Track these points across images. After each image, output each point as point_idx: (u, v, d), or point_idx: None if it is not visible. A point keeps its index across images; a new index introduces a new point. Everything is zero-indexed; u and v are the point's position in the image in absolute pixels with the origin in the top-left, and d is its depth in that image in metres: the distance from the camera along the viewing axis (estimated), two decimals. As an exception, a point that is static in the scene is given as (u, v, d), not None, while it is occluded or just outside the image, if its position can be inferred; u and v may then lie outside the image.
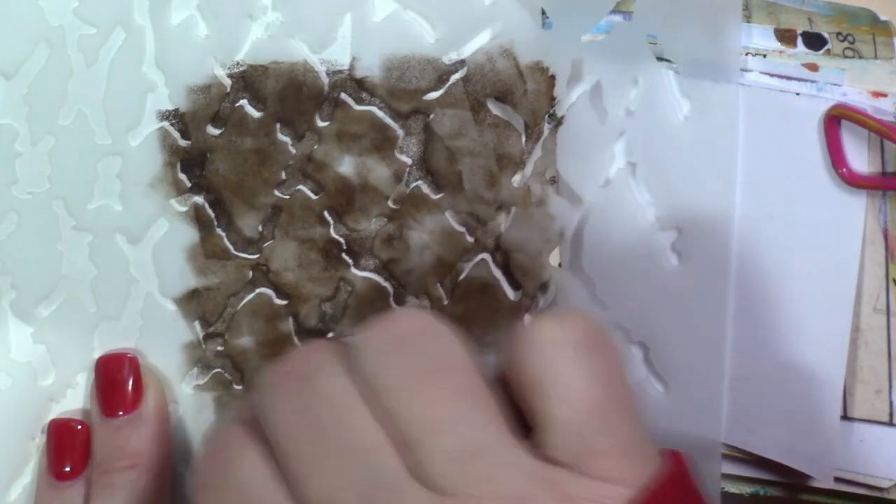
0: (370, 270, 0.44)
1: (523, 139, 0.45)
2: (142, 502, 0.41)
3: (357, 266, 0.44)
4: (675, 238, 0.45)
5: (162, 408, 0.43)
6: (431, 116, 0.44)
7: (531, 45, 0.45)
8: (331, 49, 0.44)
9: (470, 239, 0.44)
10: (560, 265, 0.45)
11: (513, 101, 0.44)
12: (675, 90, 0.45)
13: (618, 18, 0.45)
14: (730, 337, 0.45)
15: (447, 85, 0.44)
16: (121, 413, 0.42)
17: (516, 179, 0.44)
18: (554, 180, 0.45)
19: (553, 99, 0.45)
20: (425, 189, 0.44)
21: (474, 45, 0.44)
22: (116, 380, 0.42)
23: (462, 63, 0.44)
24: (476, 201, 0.44)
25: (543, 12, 0.45)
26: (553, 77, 0.45)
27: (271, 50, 0.44)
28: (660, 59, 0.45)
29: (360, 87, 0.44)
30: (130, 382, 0.42)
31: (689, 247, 0.45)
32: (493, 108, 0.44)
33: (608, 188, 0.45)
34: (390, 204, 0.44)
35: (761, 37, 0.46)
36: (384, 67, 0.44)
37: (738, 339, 0.45)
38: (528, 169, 0.45)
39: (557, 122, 0.45)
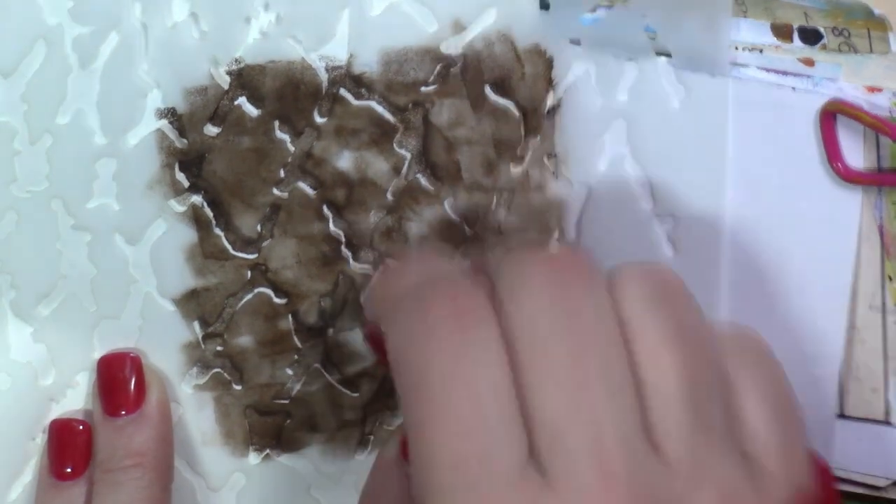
0: (370, 263, 0.44)
1: (521, 127, 0.45)
2: (144, 501, 0.41)
3: (356, 259, 0.44)
4: (671, 226, 0.45)
5: (165, 406, 0.43)
6: (430, 108, 0.44)
7: (529, 29, 0.44)
8: (328, 46, 0.44)
9: (468, 232, 0.45)
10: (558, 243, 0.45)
11: (511, 86, 0.44)
12: (671, 77, 0.45)
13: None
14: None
15: (445, 75, 0.44)
16: (123, 412, 0.42)
17: (515, 169, 0.45)
18: (550, 155, 0.45)
19: (551, 82, 0.45)
20: (424, 182, 0.44)
21: (473, 31, 0.44)
22: (119, 379, 0.42)
23: (460, 51, 0.44)
24: (474, 189, 0.44)
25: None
26: (551, 59, 0.45)
27: (268, 48, 0.43)
28: (658, 53, 0.45)
29: (357, 82, 0.44)
30: (133, 381, 0.42)
31: (683, 236, 0.45)
32: (492, 95, 0.44)
33: (605, 172, 0.45)
34: (389, 197, 0.44)
35: (757, 32, 0.46)
36: (382, 62, 0.44)
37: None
38: (527, 155, 0.45)
39: (555, 106, 0.45)
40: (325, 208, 0.44)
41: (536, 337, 0.29)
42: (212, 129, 0.43)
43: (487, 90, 0.44)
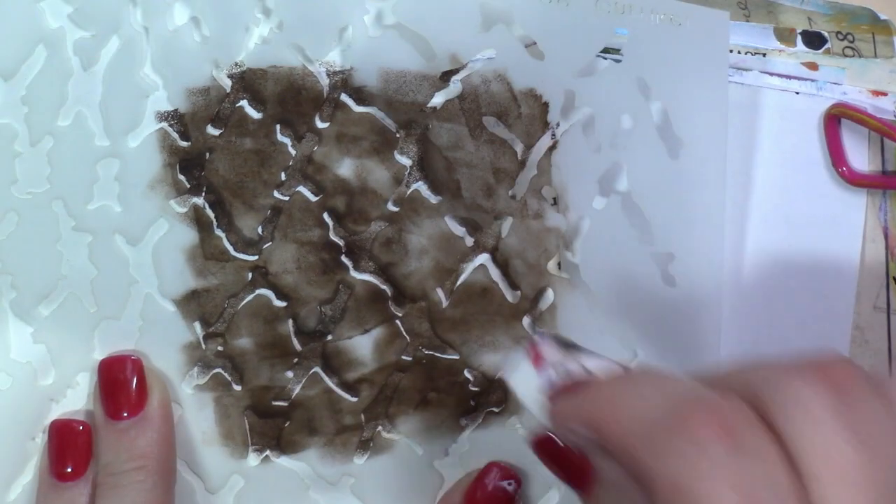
0: (369, 273, 0.44)
1: (519, 153, 0.45)
2: (148, 503, 0.41)
3: (356, 268, 0.44)
4: (669, 262, 0.45)
5: (166, 408, 0.43)
6: (429, 127, 0.44)
7: (524, 73, 0.45)
8: (328, 56, 0.44)
9: (470, 239, 0.44)
10: (559, 266, 0.45)
11: (507, 122, 0.45)
12: (666, 120, 0.45)
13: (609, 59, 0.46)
14: (723, 352, 0.45)
15: (443, 101, 0.44)
16: (125, 415, 0.42)
17: (512, 190, 0.45)
18: (556, 201, 0.45)
19: (547, 124, 0.45)
20: (425, 192, 0.44)
21: (468, 70, 0.45)
22: (120, 382, 0.42)
23: (457, 83, 0.44)
24: (474, 209, 0.44)
25: (536, 44, 0.45)
26: (546, 104, 0.45)
27: (270, 54, 0.44)
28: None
29: (358, 95, 0.44)
30: (134, 384, 0.42)
31: (682, 271, 0.45)
32: (490, 125, 0.45)
33: (601, 212, 0.45)
34: (390, 206, 0.44)
35: (761, 36, 0.46)
36: (381, 79, 0.44)
37: (738, 338, 0.45)
38: (524, 185, 0.45)
39: (552, 145, 0.45)
40: (325, 216, 0.44)
41: (830, 452, 0.28)
42: (213, 131, 0.44)
43: (486, 121, 0.45)
